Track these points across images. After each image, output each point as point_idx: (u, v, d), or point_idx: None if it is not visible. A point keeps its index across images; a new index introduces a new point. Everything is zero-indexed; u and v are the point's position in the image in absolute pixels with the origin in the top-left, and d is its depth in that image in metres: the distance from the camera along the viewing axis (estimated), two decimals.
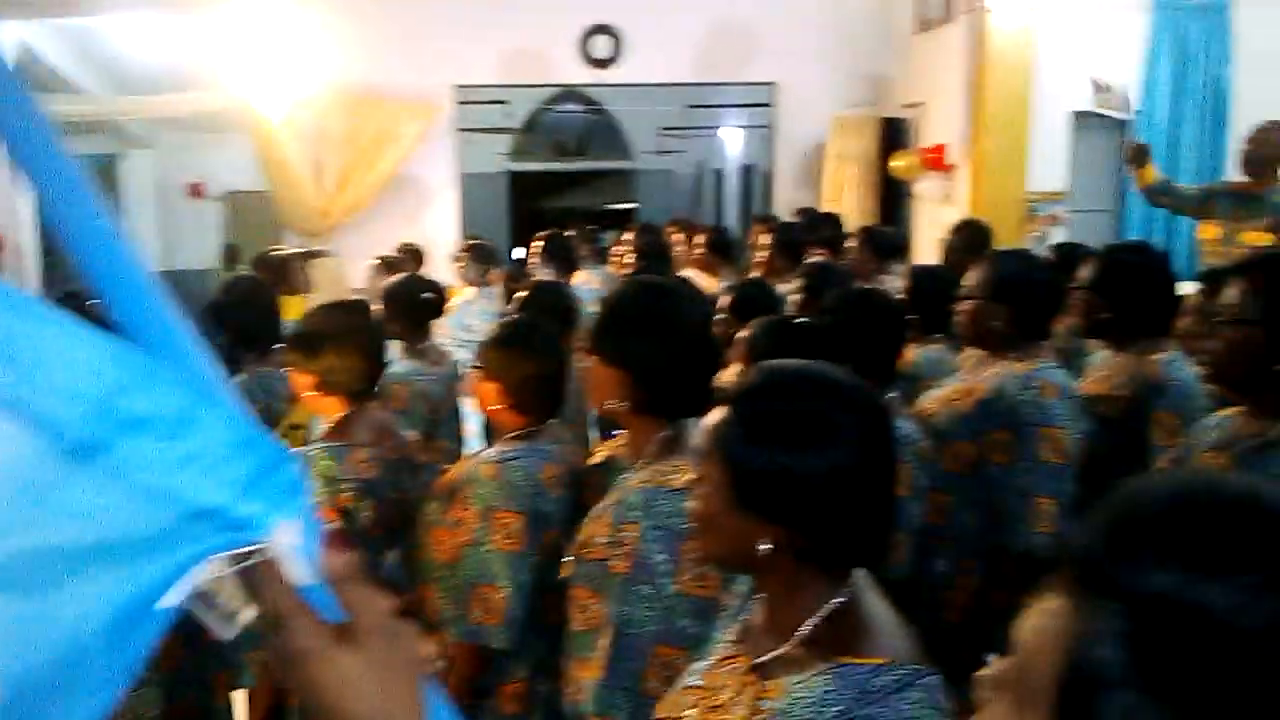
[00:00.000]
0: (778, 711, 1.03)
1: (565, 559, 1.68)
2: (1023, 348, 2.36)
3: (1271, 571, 0.45)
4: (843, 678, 1.01)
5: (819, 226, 5.46)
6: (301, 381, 2.16)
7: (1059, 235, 6.43)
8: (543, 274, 4.38)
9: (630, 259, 4.62)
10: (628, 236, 4.98)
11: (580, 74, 8.09)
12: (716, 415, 1.15)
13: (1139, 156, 4.53)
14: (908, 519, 2.14)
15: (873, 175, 7.62)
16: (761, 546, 1.09)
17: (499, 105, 9.27)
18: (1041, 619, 0.52)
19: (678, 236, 5.59)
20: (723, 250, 4.82)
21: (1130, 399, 2.41)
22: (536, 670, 2.01)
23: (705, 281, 4.69)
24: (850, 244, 4.47)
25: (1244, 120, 4.59)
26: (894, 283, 3.88)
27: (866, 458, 1.08)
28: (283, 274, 4.53)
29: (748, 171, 11.09)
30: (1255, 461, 1.66)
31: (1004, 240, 6.45)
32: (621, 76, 8.05)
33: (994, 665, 0.57)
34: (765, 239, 4.44)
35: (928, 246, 6.64)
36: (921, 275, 3.23)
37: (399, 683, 0.53)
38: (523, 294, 3.10)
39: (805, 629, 1.08)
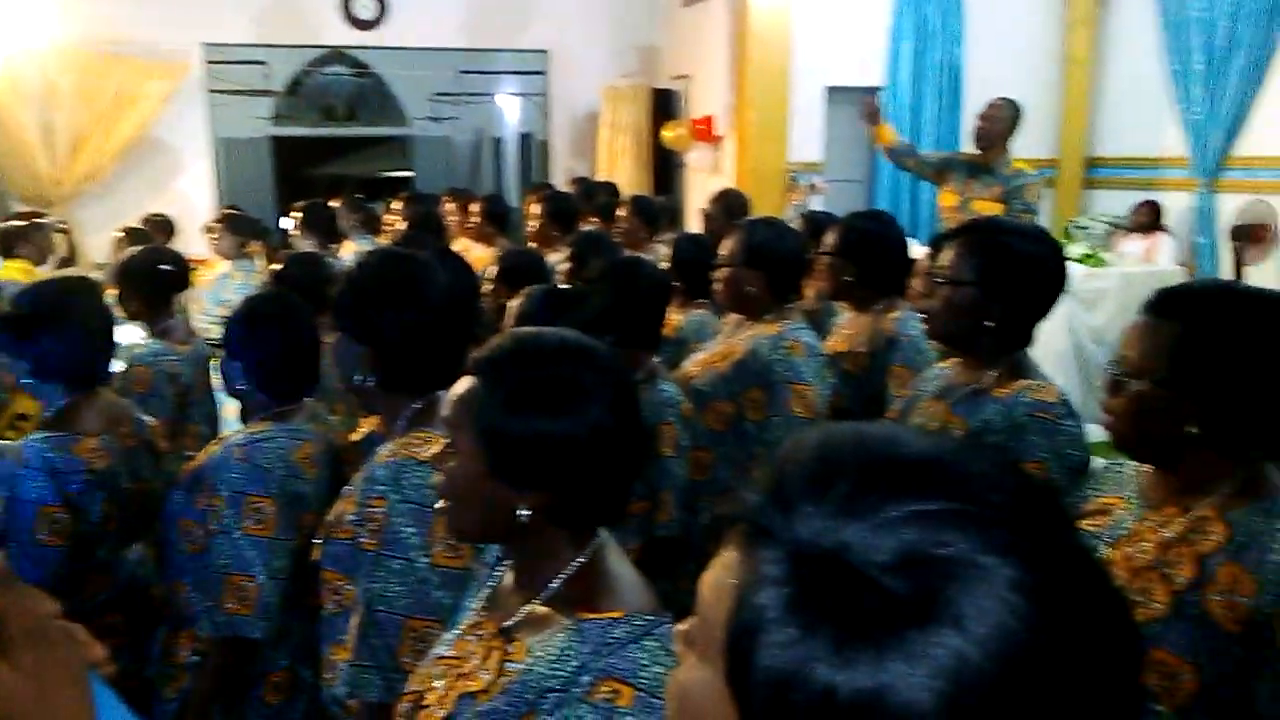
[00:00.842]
0: (521, 671, 1.04)
1: (316, 541, 1.62)
2: (775, 310, 2.48)
3: (900, 508, 0.50)
4: (582, 633, 1.03)
5: (593, 195, 5.51)
6: (17, 368, 1.96)
7: (818, 204, 6.81)
8: (304, 245, 4.17)
9: (400, 228, 4.48)
10: (397, 205, 4.83)
11: (344, 35, 7.74)
12: (464, 386, 1.14)
13: (872, 114, 4.82)
14: (673, 478, 2.21)
15: (645, 145, 7.77)
16: (522, 513, 1.10)
17: (255, 66, 8.71)
18: (717, 573, 0.55)
19: (452, 206, 5.49)
20: (498, 219, 4.78)
21: (870, 355, 2.60)
22: (300, 657, 1.94)
23: (480, 251, 4.63)
24: (621, 213, 4.54)
25: (976, 96, 5.01)
26: (664, 250, 3.98)
27: (617, 419, 1.11)
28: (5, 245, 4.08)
29: (526, 140, 11.02)
30: (967, 407, 1.82)
31: (768, 208, 6.77)
32: (388, 39, 7.77)
33: (685, 622, 0.60)
34: (537, 208, 4.44)
35: (699, 215, 6.88)
36: (684, 243, 3.33)
37: (60, 689, 0.49)
38: (278, 266, 2.95)
39: (549, 589, 1.10)
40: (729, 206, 4.44)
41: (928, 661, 0.47)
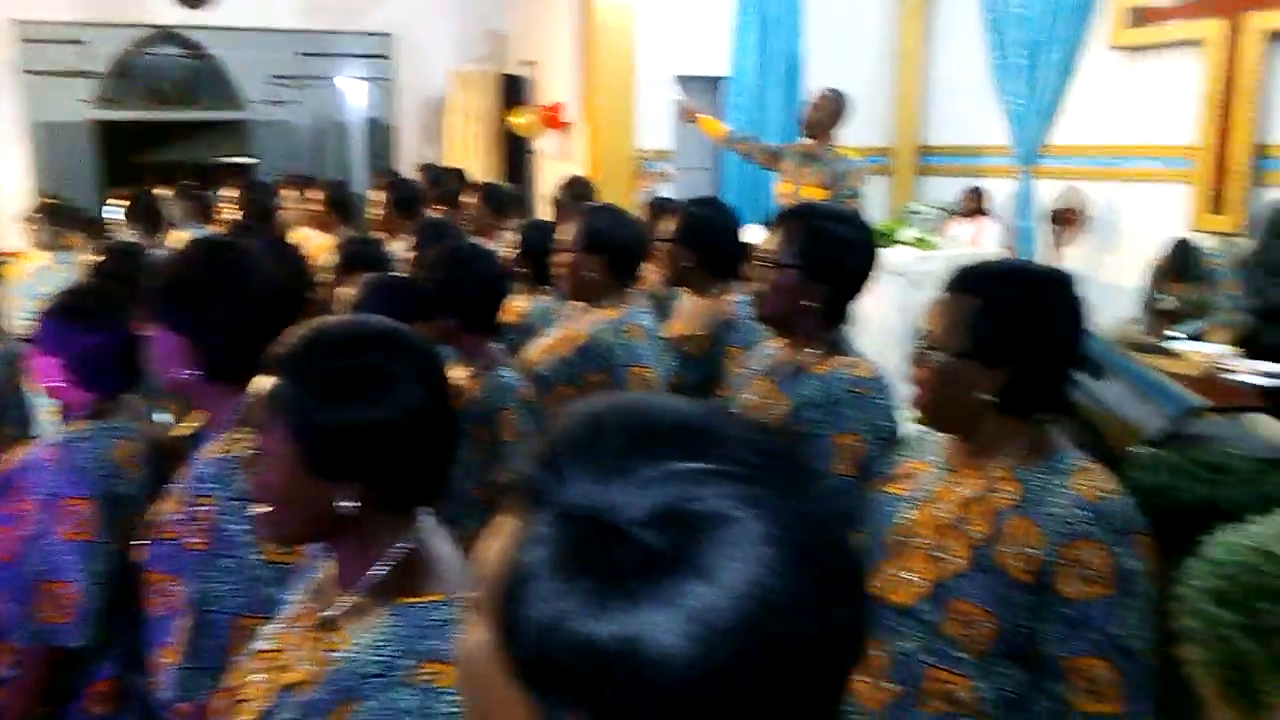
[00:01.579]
0: (342, 660, 1.05)
1: (139, 542, 1.56)
2: (615, 295, 2.52)
3: (659, 468, 0.54)
4: (404, 616, 1.04)
5: (440, 182, 5.44)
6: None
7: (667, 191, 6.92)
8: (128, 235, 3.96)
9: (233, 217, 4.31)
10: (230, 193, 4.64)
11: (172, 14, 7.36)
12: (269, 382, 1.11)
13: (690, 117, 4.97)
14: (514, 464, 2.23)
15: (495, 131, 7.70)
16: (345, 505, 1.09)
17: (75, 45, 8.17)
18: (494, 538, 0.58)
19: (291, 193, 5.31)
20: (340, 207, 4.65)
21: (708, 337, 2.68)
22: (128, 664, 1.87)
23: (322, 239, 4.51)
24: (468, 200, 4.50)
25: (817, 86, 5.19)
26: (512, 237, 3.97)
27: (430, 400, 1.11)
28: None
29: (372, 125, 10.74)
30: (790, 384, 1.92)
31: (619, 195, 6.83)
32: (221, 19, 7.43)
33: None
34: (380, 195, 4.35)
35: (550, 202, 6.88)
36: (529, 230, 3.33)
37: None
38: (97, 258, 2.80)
39: (371, 576, 1.10)
40: (577, 193, 4.47)
41: (679, 610, 0.50)
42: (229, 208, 4.57)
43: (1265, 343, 5.33)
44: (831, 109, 4.69)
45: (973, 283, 1.48)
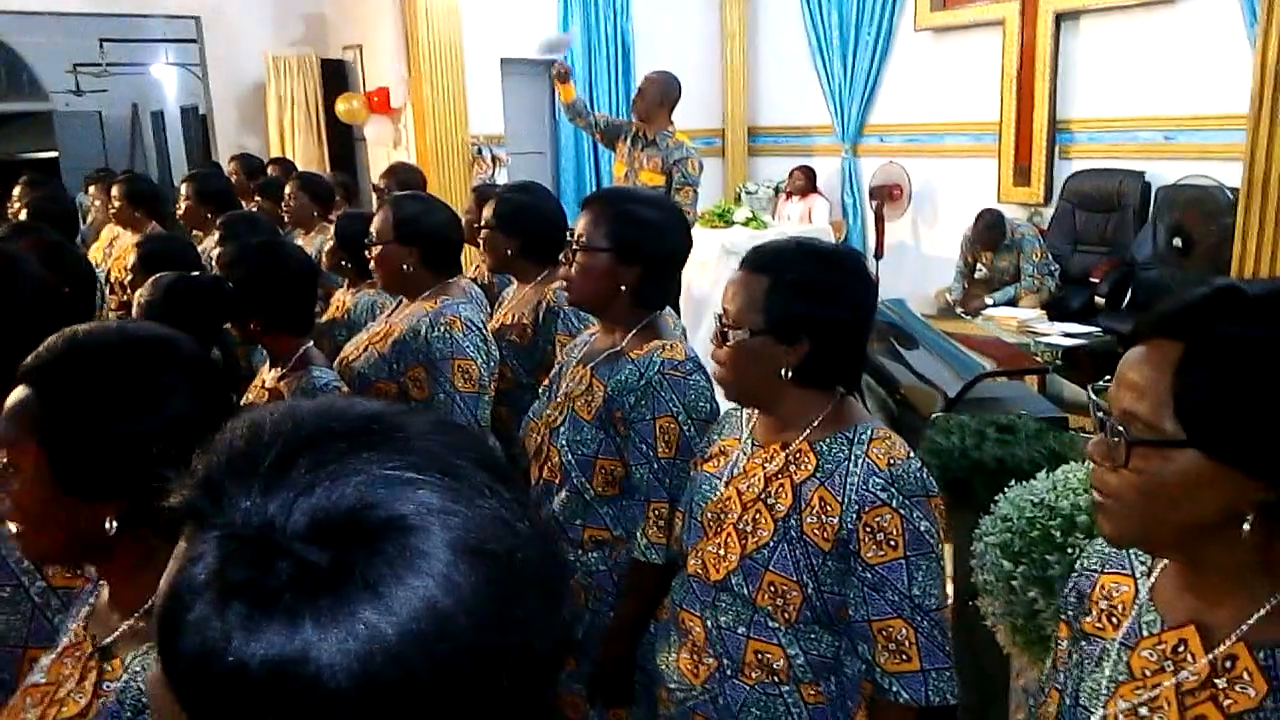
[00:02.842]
0: (118, 690, 0.98)
1: None
2: (432, 286, 2.46)
3: (323, 477, 0.51)
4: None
5: (256, 173, 5.19)
6: None
7: (503, 176, 6.83)
8: None
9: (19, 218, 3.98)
10: (17, 193, 4.29)
11: None
12: (16, 397, 1.03)
13: (563, 76, 4.90)
14: None
15: (318, 118, 7.41)
16: (107, 526, 1.01)
17: None
18: (168, 566, 0.54)
19: (95, 189, 4.96)
20: (143, 201, 4.36)
21: (534, 325, 2.65)
22: None
23: (129, 238, 4.23)
24: (289, 191, 4.30)
25: (646, 68, 5.20)
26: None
27: (199, 412, 1.05)
28: None
29: (188, 114, 10.16)
30: (607, 369, 1.92)
31: (453, 182, 6.70)
32: (10, 2, 6.84)
33: None
34: (187, 188, 4.11)
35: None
36: (345, 221, 3.22)
37: None
38: None
39: (147, 601, 1.03)
40: (401, 181, 4.35)
41: (339, 629, 0.47)
42: (16, 209, 4.21)
43: (1068, 305, 5.73)
44: (656, 93, 4.71)
45: (764, 262, 1.51)
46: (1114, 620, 1.02)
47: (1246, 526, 0.88)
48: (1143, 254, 5.59)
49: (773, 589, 1.49)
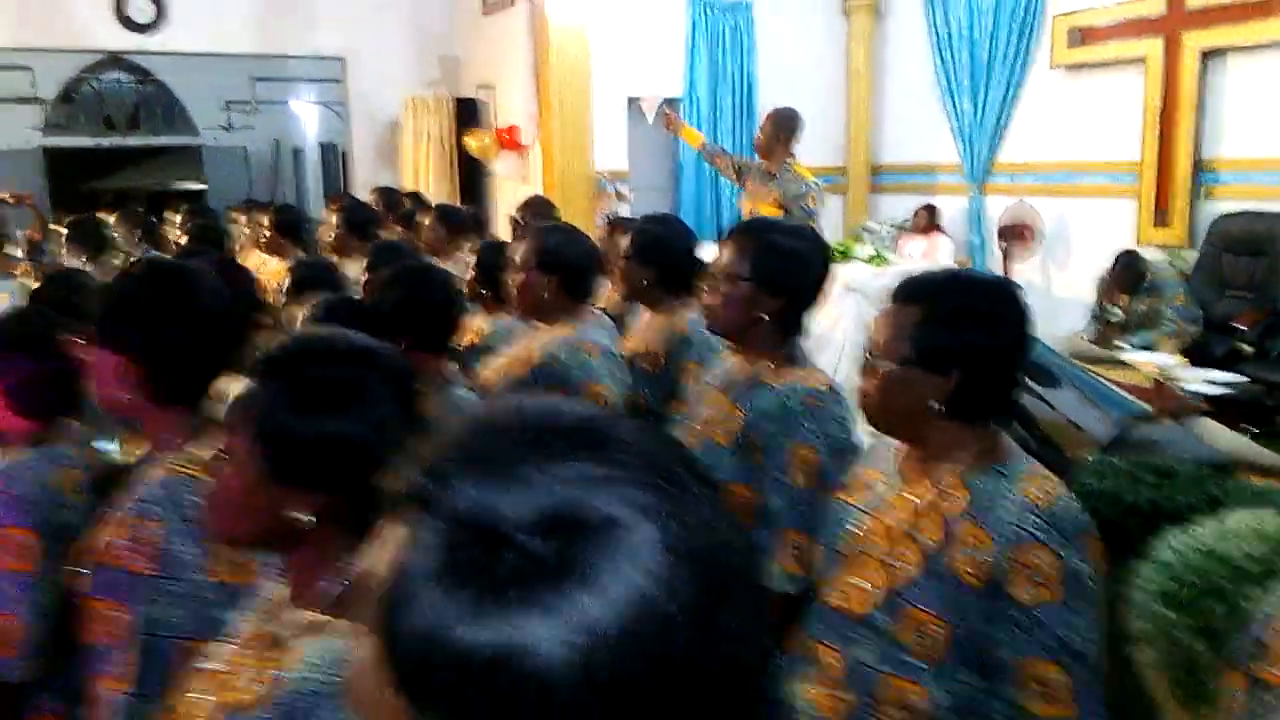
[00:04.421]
0: (290, 680, 1.02)
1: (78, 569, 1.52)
2: (569, 313, 2.52)
3: (548, 473, 0.53)
4: (359, 637, 1.02)
5: (395, 204, 5.41)
6: None
7: (625, 211, 6.94)
8: (71, 261, 3.89)
9: (182, 243, 4.26)
10: (175, 218, 4.59)
11: (118, 38, 7.27)
12: (244, 387, 1.11)
13: (669, 122, 4.99)
14: None
15: (450, 154, 7.69)
16: (304, 517, 1.08)
17: (20, 71, 8.05)
18: (380, 548, 0.57)
19: (242, 218, 5.26)
20: (290, 230, 4.61)
21: (665, 353, 2.68)
22: (70, 697, 1.81)
23: (276, 264, 4.46)
24: (424, 221, 4.48)
25: (770, 106, 5.24)
26: (470, 259, 3.96)
27: (401, 418, 1.11)
28: None
29: (326, 149, 10.67)
30: (746, 397, 1.92)
31: (577, 215, 6.85)
32: (169, 44, 7.35)
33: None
34: (334, 218, 4.32)
35: (508, 223, 6.88)
36: (486, 249, 3.32)
37: None
38: (37, 284, 2.75)
39: (326, 593, 1.08)
40: (537, 212, 4.48)
41: (561, 619, 0.49)
42: (175, 232, 4.50)
43: (1210, 352, 5.46)
44: (775, 129, 4.74)
45: (915, 292, 1.50)
46: None
47: None
48: None
49: (916, 625, 1.45)
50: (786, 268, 1.91)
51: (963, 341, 1.45)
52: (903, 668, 1.47)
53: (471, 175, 7.80)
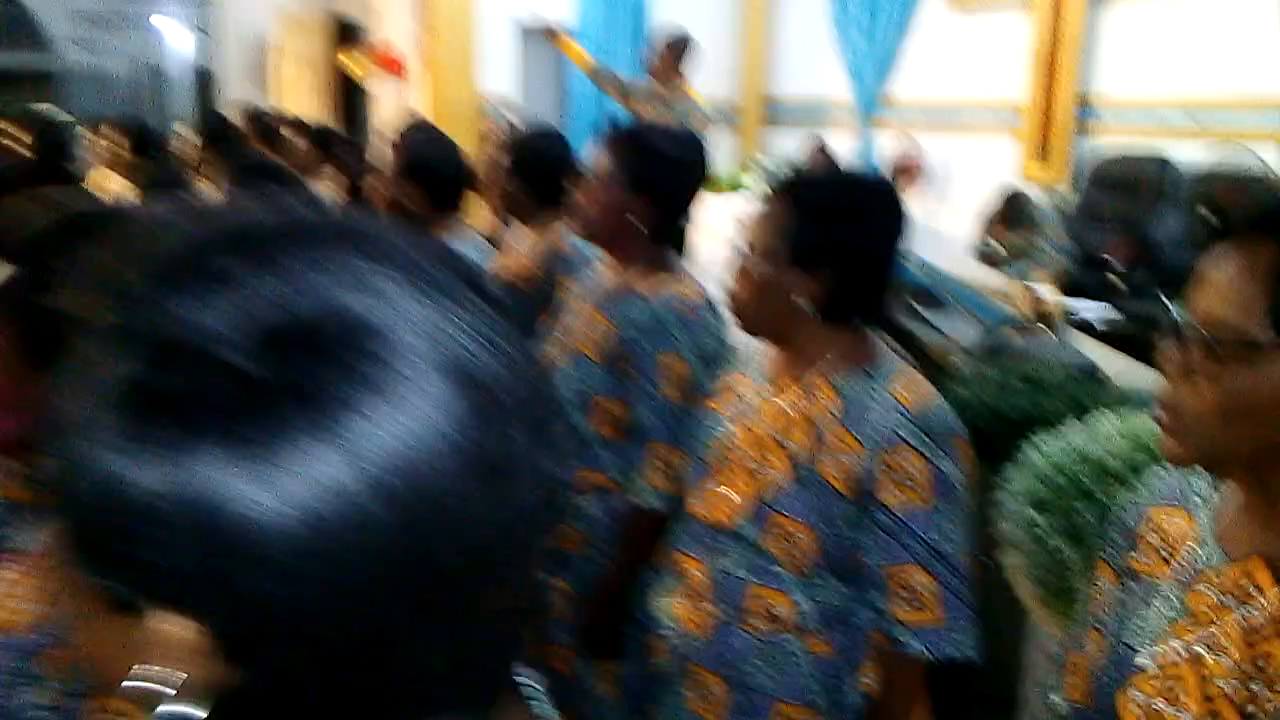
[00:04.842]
0: None
1: None
2: (436, 225, 2.37)
3: (268, 280, 0.41)
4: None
5: (261, 125, 5.10)
6: None
7: None
8: None
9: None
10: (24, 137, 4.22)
11: None
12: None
13: (551, 33, 4.82)
14: None
15: (327, 78, 7.30)
16: None
17: None
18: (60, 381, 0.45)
19: (98, 138, 4.87)
20: (145, 150, 4.27)
21: (540, 270, 2.56)
22: None
23: (121, 181, 4.14)
24: (293, 139, 4.21)
25: (659, 31, 5.10)
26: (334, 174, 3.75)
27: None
28: None
29: (195, 72, 10.04)
30: (614, 306, 1.82)
31: (464, 144, 6.59)
32: None
33: None
34: (191, 133, 4.02)
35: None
36: (355, 160, 3.12)
37: None
38: None
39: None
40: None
41: (284, 465, 0.38)
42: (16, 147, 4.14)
43: (1084, 286, 5.61)
44: (671, 49, 4.62)
45: (788, 189, 1.42)
46: (1166, 556, 0.93)
47: None
48: (1165, 236, 5.47)
49: (782, 533, 1.39)
50: (658, 171, 1.80)
51: (835, 239, 1.38)
52: (769, 577, 1.41)
53: (351, 100, 7.43)
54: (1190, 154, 5.55)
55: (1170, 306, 0.91)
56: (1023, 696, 1.79)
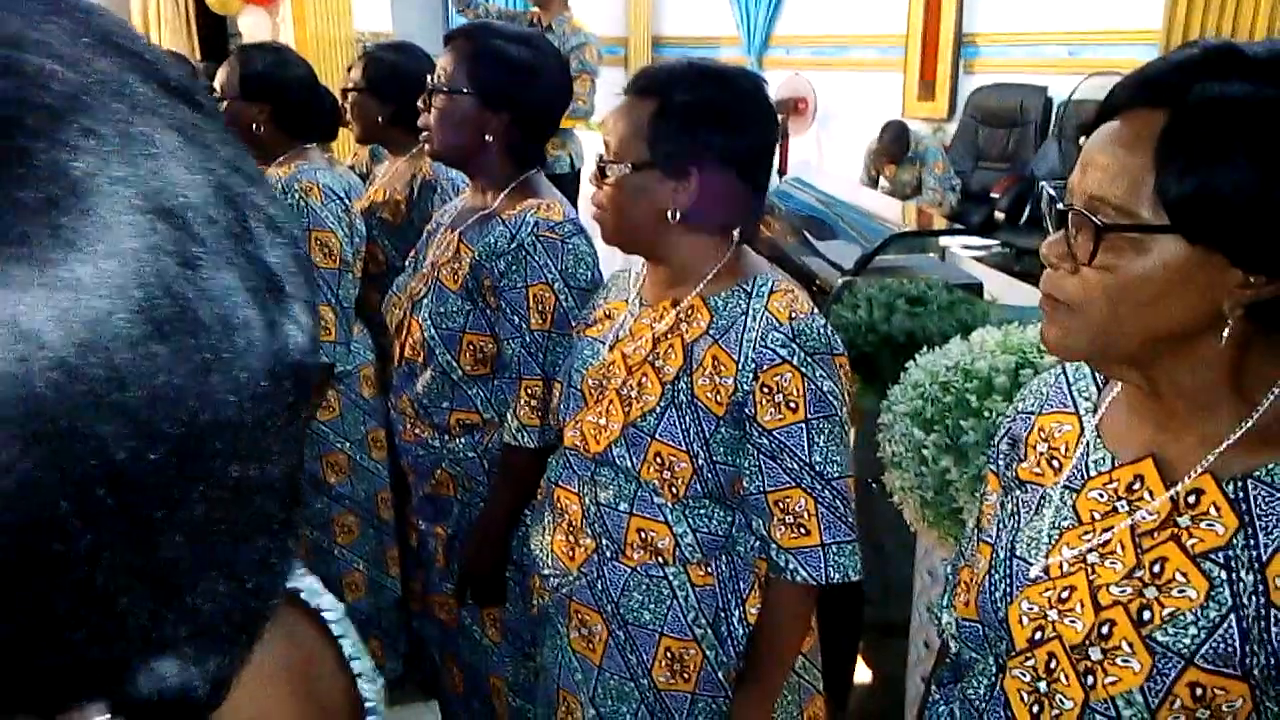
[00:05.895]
0: None
1: None
2: (286, 149, 2.18)
3: None
4: None
5: None
6: None
7: None
8: None
9: None
10: None
11: None
12: None
13: None
14: None
15: (186, 8, 6.82)
16: None
17: None
18: None
19: None
20: None
21: (407, 201, 2.39)
22: None
23: None
24: None
25: None
26: None
27: None
28: None
29: None
30: (475, 232, 1.69)
31: (334, 84, 6.25)
32: None
33: None
34: None
35: None
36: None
37: None
38: None
39: None
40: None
41: None
42: None
43: (967, 219, 5.69)
44: None
45: (650, 84, 1.30)
46: (1055, 464, 0.87)
47: (1226, 333, 0.72)
48: (1042, 170, 5.56)
49: (659, 460, 1.31)
50: (513, 79, 1.65)
51: (704, 139, 1.27)
52: (645, 506, 1.33)
53: (213, 34, 6.96)
54: (1067, 87, 5.64)
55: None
56: (913, 619, 1.77)
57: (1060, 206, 0.78)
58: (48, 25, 0.32)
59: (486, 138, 1.66)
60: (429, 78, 1.71)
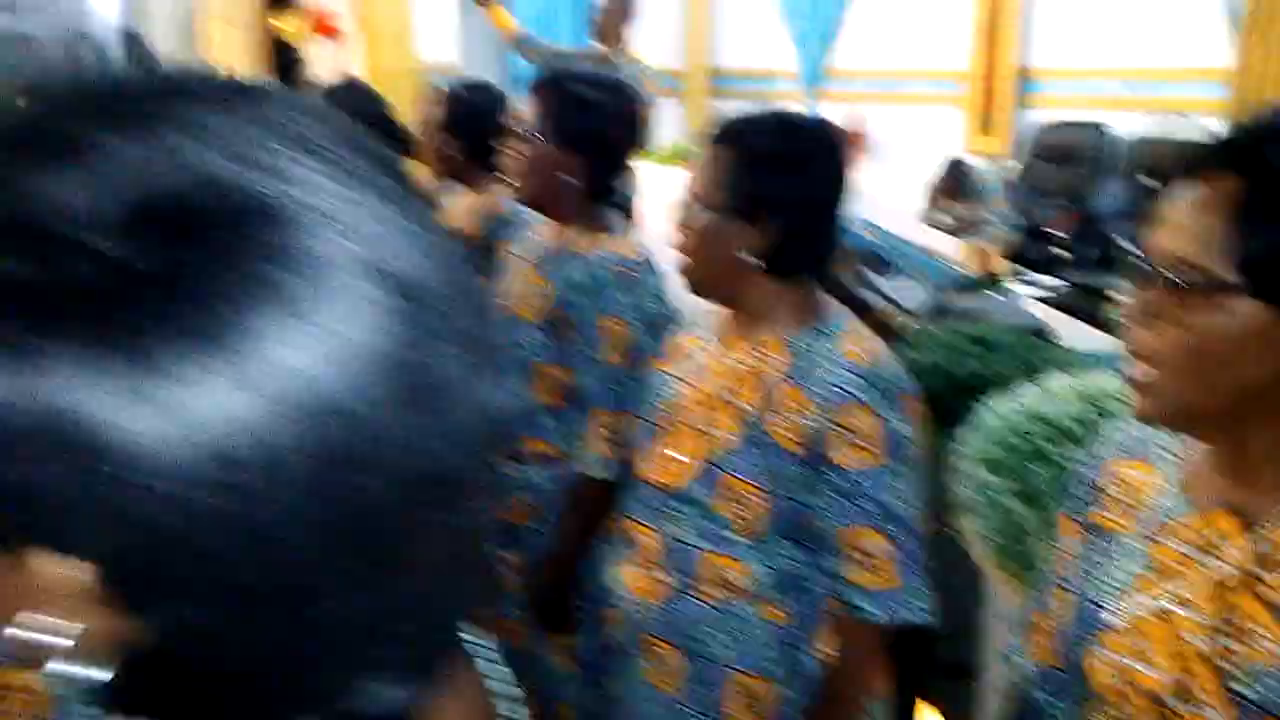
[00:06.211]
0: None
1: None
2: None
3: (143, 140, 0.33)
4: None
5: None
6: None
7: None
8: None
9: None
10: None
11: None
12: None
13: (482, 1, 4.62)
14: None
15: (259, 40, 7.05)
16: None
17: None
18: None
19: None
20: None
21: (479, 236, 2.46)
22: None
23: None
24: None
25: None
26: None
27: None
28: None
29: (125, 36, 9.66)
30: (552, 268, 1.74)
31: (400, 114, 6.41)
32: None
33: None
34: None
35: None
36: None
37: None
38: None
39: None
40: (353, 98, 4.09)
41: (161, 378, 0.31)
42: None
43: (1029, 257, 5.65)
44: (615, 9, 4.50)
45: (731, 135, 1.35)
46: (1133, 512, 0.89)
47: None
48: (1105, 207, 5.52)
49: (734, 496, 1.34)
50: (590, 124, 1.71)
51: (777, 186, 1.31)
52: (721, 543, 1.36)
53: (284, 65, 7.18)
54: (1129, 124, 5.61)
55: (1130, 248, 0.86)
56: (982, 662, 1.77)
57: (1141, 263, 0.81)
58: (293, 125, 0.37)
59: (566, 179, 1.72)
60: (504, 117, 1.77)
